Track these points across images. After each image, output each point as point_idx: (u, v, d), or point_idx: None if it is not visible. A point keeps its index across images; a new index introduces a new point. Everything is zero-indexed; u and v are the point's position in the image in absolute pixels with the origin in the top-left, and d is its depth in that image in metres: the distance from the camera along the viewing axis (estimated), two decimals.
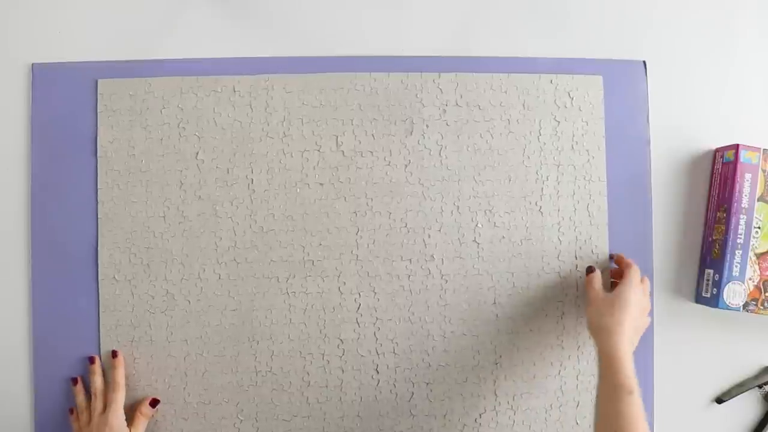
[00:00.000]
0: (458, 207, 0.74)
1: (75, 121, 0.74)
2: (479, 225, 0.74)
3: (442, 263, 0.74)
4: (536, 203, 0.75)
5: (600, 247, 0.75)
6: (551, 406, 0.75)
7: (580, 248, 0.75)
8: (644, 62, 0.76)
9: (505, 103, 0.75)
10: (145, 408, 0.71)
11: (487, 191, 0.75)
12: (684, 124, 0.77)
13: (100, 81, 0.74)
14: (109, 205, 0.73)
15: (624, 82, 0.76)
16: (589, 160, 0.75)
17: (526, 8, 0.77)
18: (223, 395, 0.73)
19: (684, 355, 0.77)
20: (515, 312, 0.75)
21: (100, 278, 0.73)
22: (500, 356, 0.75)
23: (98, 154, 0.73)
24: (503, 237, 0.75)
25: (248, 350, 0.73)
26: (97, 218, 0.73)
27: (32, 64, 0.74)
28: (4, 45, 0.75)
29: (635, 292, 0.68)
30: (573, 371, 0.75)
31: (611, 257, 0.75)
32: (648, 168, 0.76)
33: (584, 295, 0.74)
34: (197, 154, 0.74)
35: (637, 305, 0.67)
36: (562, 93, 0.75)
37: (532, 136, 0.75)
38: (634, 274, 0.69)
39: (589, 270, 0.73)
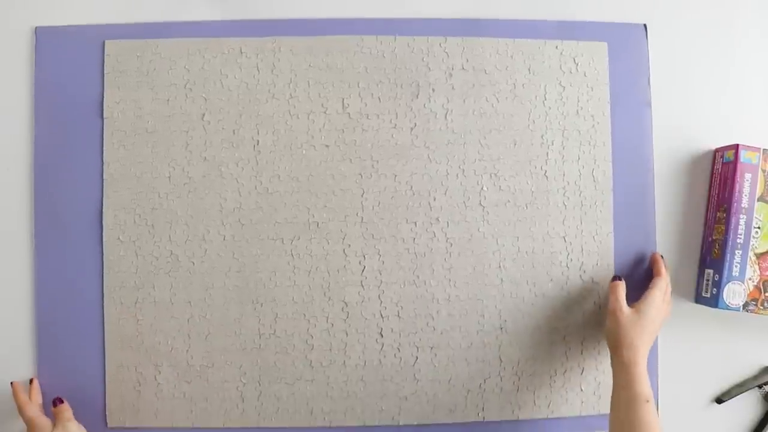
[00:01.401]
0: (464, 170, 0.74)
1: (79, 84, 0.74)
2: (484, 188, 0.74)
3: (447, 226, 0.74)
4: (541, 167, 0.75)
5: (605, 213, 0.75)
6: (555, 371, 0.75)
7: (585, 213, 0.75)
8: (645, 25, 0.77)
9: (511, 67, 0.75)
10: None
11: (492, 155, 0.75)
12: (684, 124, 0.77)
13: (107, 42, 0.74)
14: (114, 166, 0.73)
15: (627, 47, 0.76)
16: (594, 125, 0.76)
17: None
18: (226, 358, 0.73)
19: (684, 355, 0.76)
20: (520, 277, 0.74)
21: (104, 239, 0.73)
22: (505, 321, 0.74)
23: (104, 115, 0.73)
24: (508, 201, 0.75)
25: (252, 312, 0.73)
26: (102, 179, 0.73)
27: (35, 28, 0.74)
28: (6, 9, 0.75)
29: (659, 309, 0.69)
30: (578, 337, 0.75)
31: (617, 278, 0.73)
32: (650, 132, 0.76)
33: (605, 302, 0.74)
34: (203, 115, 0.74)
35: (659, 321, 0.69)
36: (567, 59, 0.76)
37: (537, 101, 0.75)
38: (659, 288, 0.70)
39: (615, 278, 0.73)
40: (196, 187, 0.73)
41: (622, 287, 0.71)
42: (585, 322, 0.75)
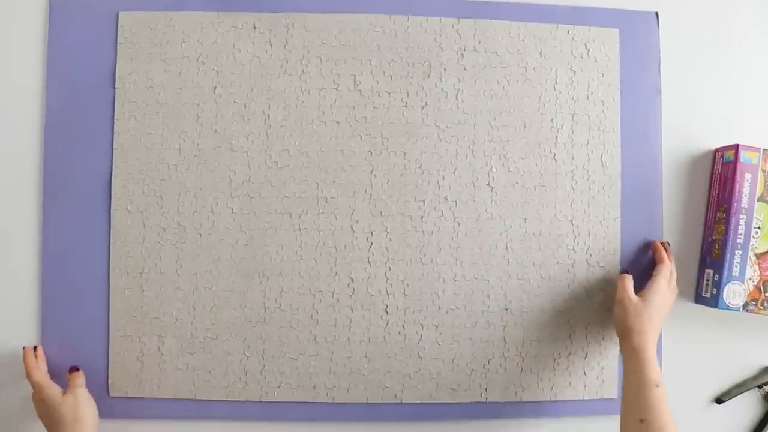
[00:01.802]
0: (473, 151, 0.75)
1: (92, 54, 0.74)
2: (493, 169, 0.75)
3: (456, 206, 0.74)
4: (550, 150, 0.75)
5: (612, 198, 0.75)
6: (560, 354, 0.75)
7: (593, 198, 0.75)
8: (656, 14, 0.77)
9: (522, 51, 0.76)
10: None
11: (502, 136, 0.75)
12: (684, 124, 0.78)
13: (121, 14, 0.74)
14: (125, 136, 0.73)
15: (638, 34, 0.77)
16: (603, 110, 0.76)
17: None
18: (230, 330, 0.73)
19: (684, 355, 0.77)
20: (526, 258, 0.75)
21: (112, 209, 0.73)
22: (510, 302, 0.74)
23: (116, 86, 0.74)
24: (517, 182, 0.75)
25: (258, 286, 0.73)
26: (112, 149, 0.73)
27: None
28: None
29: (665, 296, 0.70)
30: (582, 321, 0.75)
31: (624, 271, 0.73)
32: (659, 119, 0.77)
33: (611, 287, 0.75)
34: (215, 88, 0.74)
35: (665, 308, 0.70)
36: (578, 44, 0.76)
37: (548, 85, 0.76)
38: (663, 275, 0.71)
39: (622, 272, 0.73)
40: (206, 159, 0.73)
41: (629, 279, 0.72)
42: (590, 306, 0.75)
